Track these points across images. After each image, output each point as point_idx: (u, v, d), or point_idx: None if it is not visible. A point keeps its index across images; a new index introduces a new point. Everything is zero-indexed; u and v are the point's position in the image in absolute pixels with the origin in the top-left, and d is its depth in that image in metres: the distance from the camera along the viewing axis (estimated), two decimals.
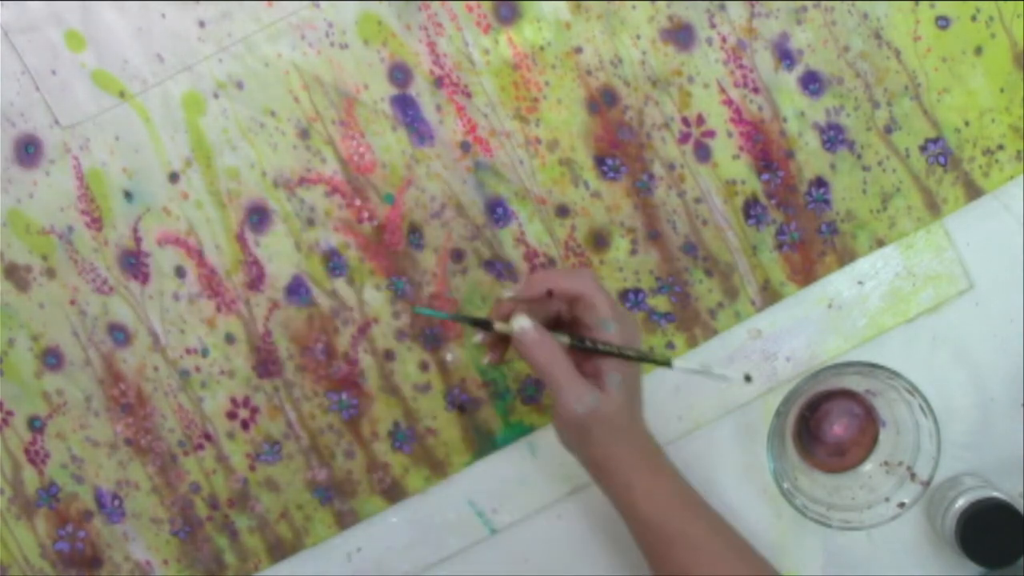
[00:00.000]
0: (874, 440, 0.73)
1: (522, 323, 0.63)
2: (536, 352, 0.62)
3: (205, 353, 0.74)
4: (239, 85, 0.72)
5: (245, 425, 0.74)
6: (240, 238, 0.73)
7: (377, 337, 0.73)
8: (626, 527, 0.69)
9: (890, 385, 0.69)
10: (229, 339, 0.74)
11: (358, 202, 0.73)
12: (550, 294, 0.64)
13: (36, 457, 0.74)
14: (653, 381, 0.74)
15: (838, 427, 0.72)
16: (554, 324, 0.66)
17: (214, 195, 0.73)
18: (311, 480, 0.74)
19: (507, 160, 0.72)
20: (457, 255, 0.73)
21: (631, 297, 0.73)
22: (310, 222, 0.73)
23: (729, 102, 0.72)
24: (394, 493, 0.74)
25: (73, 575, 0.75)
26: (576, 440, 0.65)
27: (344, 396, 0.74)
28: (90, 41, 0.71)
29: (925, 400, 0.68)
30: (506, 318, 0.64)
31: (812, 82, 0.71)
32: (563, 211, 0.73)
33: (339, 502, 0.74)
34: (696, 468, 0.74)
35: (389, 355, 0.74)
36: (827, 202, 0.72)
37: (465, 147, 0.72)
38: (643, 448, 0.65)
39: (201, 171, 0.72)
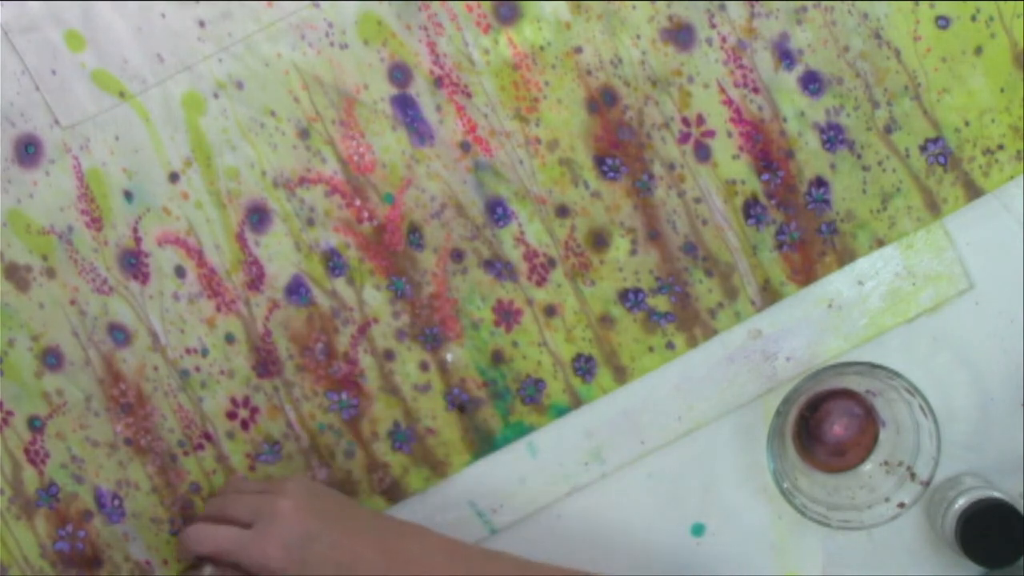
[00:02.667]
0: (874, 440, 0.73)
1: (206, 571, 0.67)
2: None
3: (205, 353, 0.74)
4: (239, 85, 0.72)
5: (245, 425, 0.74)
6: (240, 238, 0.73)
7: (377, 337, 0.73)
8: (624, 529, 0.69)
9: (890, 385, 0.69)
10: (229, 339, 0.74)
11: (358, 202, 0.73)
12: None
13: (36, 457, 0.74)
14: (653, 380, 0.74)
15: (838, 427, 0.72)
16: None
17: (214, 195, 0.73)
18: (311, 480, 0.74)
19: (507, 160, 0.72)
20: (457, 255, 0.73)
21: (631, 297, 0.73)
22: (310, 222, 0.73)
23: (729, 102, 0.72)
24: (394, 493, 0.74)
25: (73, 575, 0.75)
26: None
27: (344, 396, 0.74)
28: (90, 41, 0.71)
29: (925, 400, 0.68)
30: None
31: (812, 82, 0.71)
32: (563, 211, 0.73)
33: None
34: (696, 468, 0.74)
35: (389, 355, 0.74)
36: (827, 202, 0.72)
37: (465, 147, 0.72)
38: None
39: (201, 171, 0.72)
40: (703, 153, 0.72)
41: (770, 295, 0.73)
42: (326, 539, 0.64)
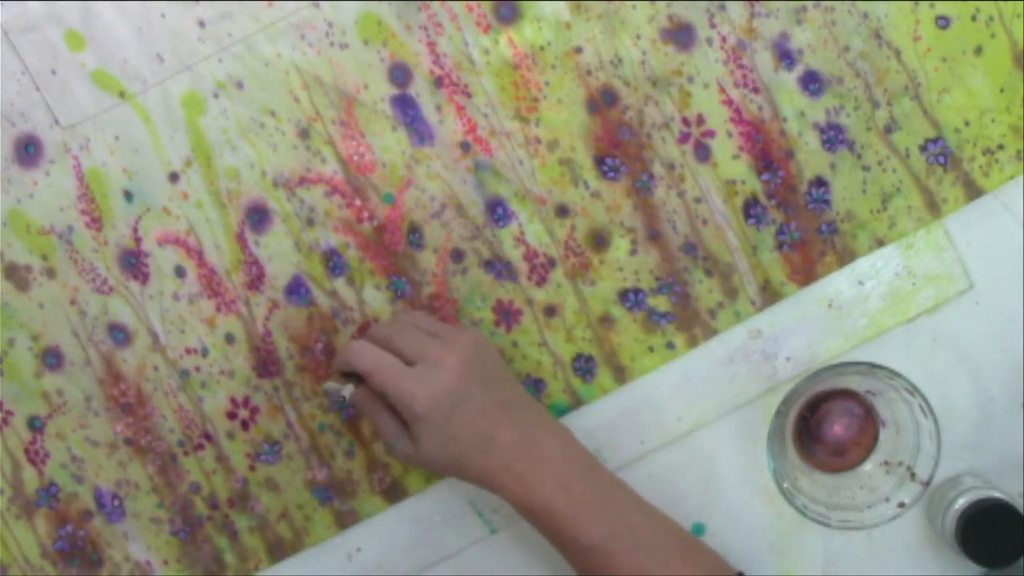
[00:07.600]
0: (874, 440, 0.73)
1: (347, 389, 0.68)
2: (361, 407, 0.68)
3: (205, 353, 0.74)
4: (239, 85, 0.72)
5: (245, 425, 0.74)
6: (240, 238, 0.73)
7: None
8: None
9: (890, 385, 0.69)
10: (229, 339, 0.74)
11: (358, 202, 0.73)
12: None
13: (36, 457, 0.74)
14: (653, 381, 0.74)
15: (838, 427, 0.72)
16: None
17: (214, 195, 0.73)
18: (311, 480, 0.74)
19: (507, 160, 0.72)
20: (457, 255, 0.73)
21: (631, 297, 0.73)
22: (310, 222, 0.73)
23: (729, 102, 0.72)
24: (394, 493, 0.74)
25: (73, 575, 0.75)
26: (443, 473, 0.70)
27: None
28: (90, 41, 0.71)
29: (925, 400, 0.68)
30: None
31: (812, 82, 0.71)
32: (563, 211, 0.73)
33: (339, 502, 0.74)
34: (696, 468, 0.74)
35: None
36: (827, 202, 0.72)
37: (465, 147, 0.72)
38: (500, 471, 0.66)
39: (201, 171, 0.72)
40: (703, 153, 0.72)
41: (770, 295, 0.73)
42: (477, 404, 0.65)
